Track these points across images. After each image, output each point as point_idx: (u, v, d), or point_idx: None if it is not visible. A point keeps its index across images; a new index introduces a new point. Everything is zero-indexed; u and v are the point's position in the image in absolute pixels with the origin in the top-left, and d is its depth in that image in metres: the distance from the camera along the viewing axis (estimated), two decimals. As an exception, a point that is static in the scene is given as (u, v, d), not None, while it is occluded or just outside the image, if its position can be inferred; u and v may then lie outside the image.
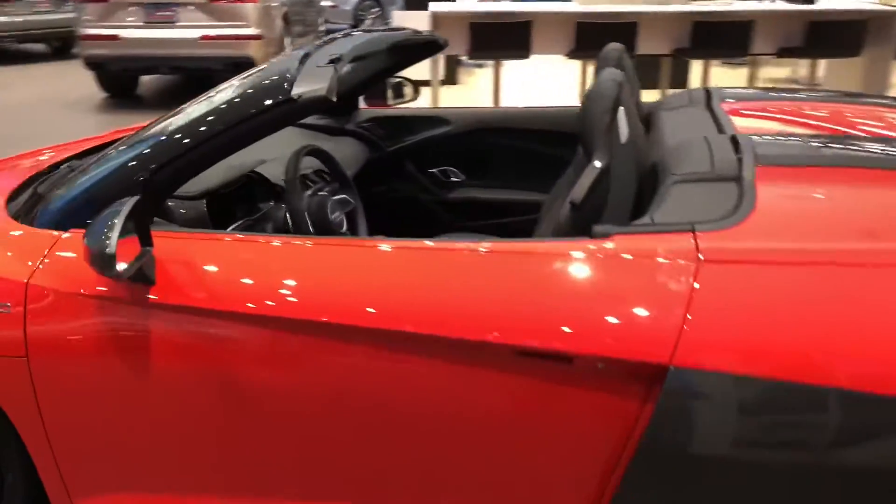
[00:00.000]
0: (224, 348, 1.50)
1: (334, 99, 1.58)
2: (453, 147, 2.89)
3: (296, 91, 1.59)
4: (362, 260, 1.50)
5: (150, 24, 7.11)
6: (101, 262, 1.36)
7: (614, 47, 2.21)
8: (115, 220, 1.39)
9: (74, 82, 7.98)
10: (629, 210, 1.62)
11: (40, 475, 1.66)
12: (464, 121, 2.84)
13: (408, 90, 3.06)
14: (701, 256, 1.32)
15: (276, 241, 1.55)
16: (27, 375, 1.58)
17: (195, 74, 7.72)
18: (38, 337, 1.56)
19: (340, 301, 1.43)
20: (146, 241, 1.53)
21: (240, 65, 7.31)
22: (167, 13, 7.09)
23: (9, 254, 1.64)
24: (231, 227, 1.90)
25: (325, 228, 1.94)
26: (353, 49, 1.83)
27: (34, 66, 10.67)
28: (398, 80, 3.03)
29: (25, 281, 1.55)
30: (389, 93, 3.01)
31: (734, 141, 1.65)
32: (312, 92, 1.58)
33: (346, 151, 2.74)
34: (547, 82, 8.72)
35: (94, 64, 7.33)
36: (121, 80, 7.89)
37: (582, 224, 1.53)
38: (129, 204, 1.46)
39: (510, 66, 7.47)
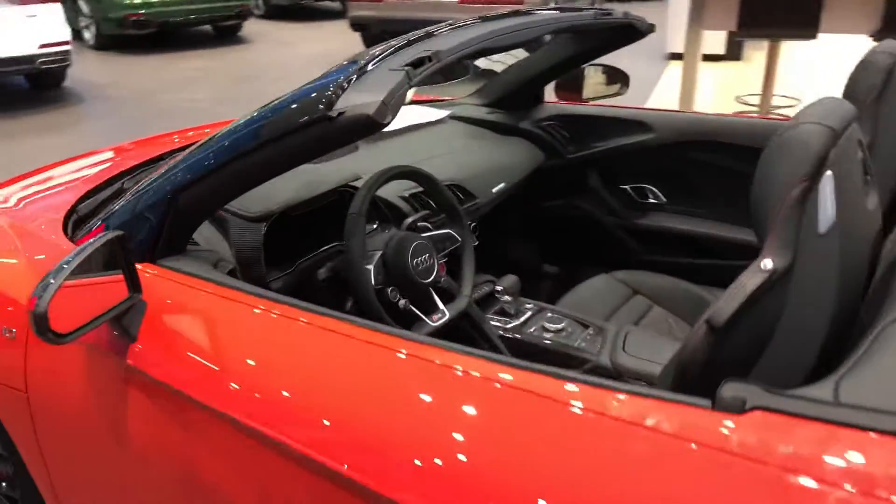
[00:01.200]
0: (189, 439, 1.15)
1: (384, 122, 1.11)
2: (654, 160, 2.25)
3: (339, 106, 1.14)
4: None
5: (413, -15, 7.05)
6: (33, 322, 1.06)
7: (888, 48, 1.43)
8: (52, 280, 1.08)
9: (353, 41, 8.26)
10: (810, 360, 0.95)
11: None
12: (671, 127, 2.19)
13: (607, 81, 2.46)
14: None
15: (303, 318, 1.12)
16: (26, 405, 1.39)
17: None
18: (36, 367, 1.35)
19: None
20: (133, 286, 1.22)
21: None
22: (430, -26, 6.96)
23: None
24: (275, 277, 1.52)
25: (402, 277, 1.49)
26: (463, 45, 1.32)
27: (326, 24, 11.40)
28: (601, 67, 2.43)
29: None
30: (587, 84, 2.44)
31: None
32: (355, 109, 1.12)
33: (514, 155, 2.25)
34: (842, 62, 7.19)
35: (358, 25, 7.48)
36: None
37: (708, 371, 0.91)
38: (92, 245, 1.15)
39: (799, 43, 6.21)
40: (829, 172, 0.96)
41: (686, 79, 4.49)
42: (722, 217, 2.19)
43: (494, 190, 2.07)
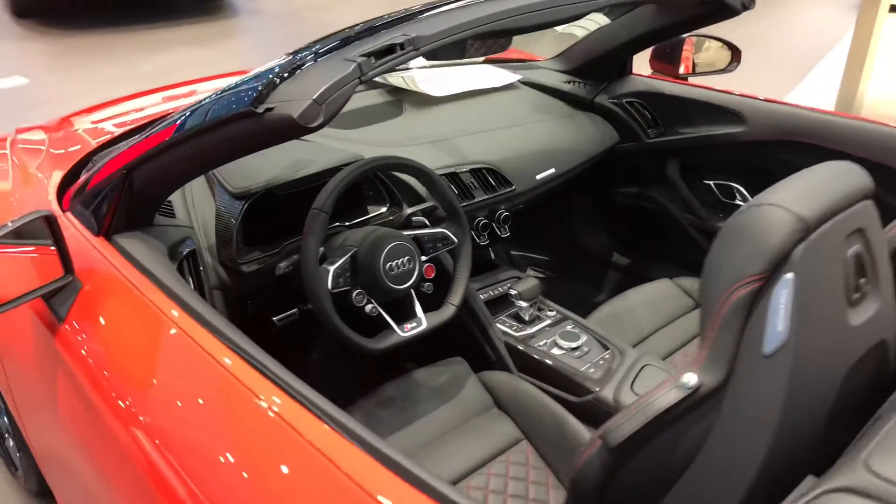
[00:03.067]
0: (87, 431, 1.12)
1: (311, 125, 0.96)
2: (744, 156, 1.93)
3: (269, 101, 1.00)
4: None
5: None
6: None
7: None
8: None
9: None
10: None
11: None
12: (767, 121, 1.84)
13: (714, 56, 2.11)
14: None
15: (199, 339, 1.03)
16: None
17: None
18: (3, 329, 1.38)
19: None
20: (66, 267, 1.18)
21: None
22: None
23: None
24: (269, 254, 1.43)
25: (371, 280, 1.35)
26: (453, 29, 1.12)
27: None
28: (708, 39, 2.09)
29: None
30: (687, 57, 2.11)
31: None
32: (283, 108, 0.98)
33: (579, 135, 2.01)
34: None
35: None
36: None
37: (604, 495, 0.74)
38: (15, 223, 1.10)
39: None
40: (789, 275, 0.71)
41: (860, 34, 3.84)
42: None
43: (539, 177, 1.85)
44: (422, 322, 1.40)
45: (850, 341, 0.77)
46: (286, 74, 1.02)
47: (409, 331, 1.38)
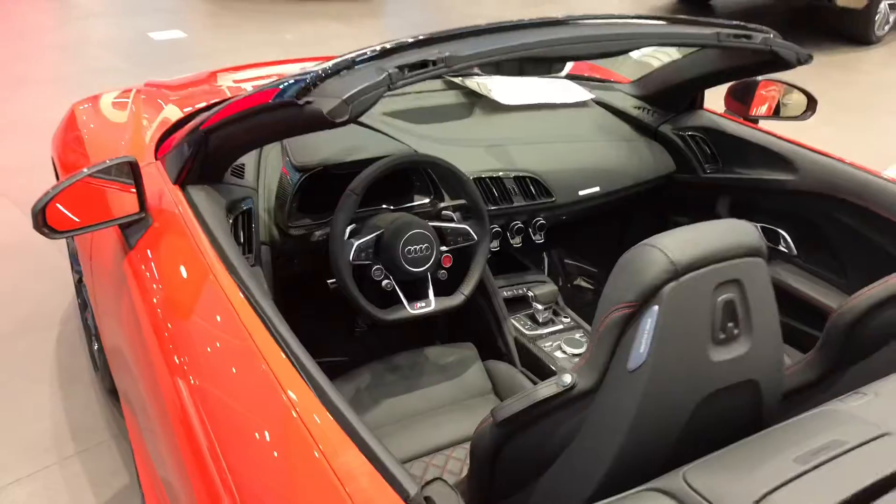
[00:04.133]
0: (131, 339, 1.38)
1: (338, 120, 1.16)
2: (792, 204, 1.96)
3: (310, 96, 1.20)
4: None
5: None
6: (32, 218, 1.33)
7: None
8: (54, 187, 1.32)
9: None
10: (585, 493, 0.87)
11: None
12: (815, 174, 1.88)
13: (791, 103, 2.14)
14: None
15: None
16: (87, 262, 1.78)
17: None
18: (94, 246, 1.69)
19: None
20: (141, 205, 1.44)
21: (816, -2, 6.19)
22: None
23: None
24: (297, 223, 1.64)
25: (390, 259, 1.54)
26: (484, 53, 1.28)
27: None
28: (784, 86, 2.13)
29: None
30: (759, 101, 2.16)
31: None
32: (318, 103, 1.18)
33: (633, 159, 2.12)
34: None
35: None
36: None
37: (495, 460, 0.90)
38: (106, 164, 1.37)
39: None
40: (655, 307, 0.84)
41: None
42: (847, 285, 1.86)
43: (582, 193, 1.97)
44: (431, 303, 1.58)
45: (709, 374, 0.88)
46: (330, 74, 1.21)
47: (417, 309, 1.57)
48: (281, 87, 1.26)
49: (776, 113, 2.19)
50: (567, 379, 0.89)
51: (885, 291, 1.25)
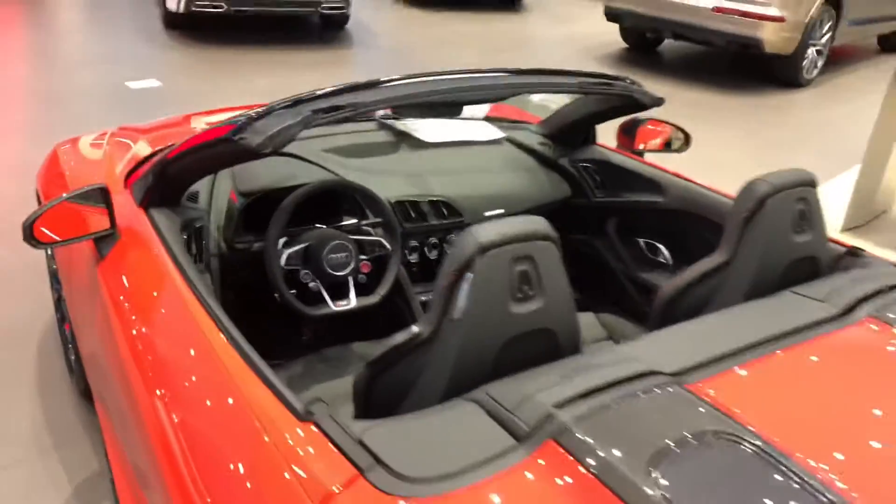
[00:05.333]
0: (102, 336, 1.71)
1: (261, 152, 1.51)
2: (664, 221, 2.34)
3: (244, 134, 1.55)
4: None
5: (672, -14, 6.93)
6: (22, 230, 1.66)
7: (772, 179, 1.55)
8: (41, 206, 1.66)
9: (607, 28, 8.38)
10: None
11: None
12: (676, 194, 2.27)
13: (670, 138, 2.54)
14: None
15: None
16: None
17: (712, 44, 7.27)
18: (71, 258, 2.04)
19: None
20: (112, 223, 1.79)
21: (747, 46, 6.70)
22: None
23: None
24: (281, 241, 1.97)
25: (316, 264, 1.89)
26: (383, 101, 1.64)
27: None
28: (661, 123, 2.53)
29: None
30: (640, 137, 2.55)
31: None
32: (246, 139, 1.53)
33: (534, 187, 2.49)
34: None
35: (613, 16, 7.54)
36: (641, 36, 7.97)
37: (370, 394, 1.25)
38: (81, 190, 1.72)
39: None
40: (470, 274, 1.19)
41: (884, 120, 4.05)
42: None
43: (487, 213, 2.34)
44: (352, 302, 1.93)
45: (510, 322, 1.23)
46: (259, 117, 1.57)
47: (339, 306, 1.91)
48: (222, 127, 1.62)
49: (668, 147, 2.59)
50: (415, 329, 1.24)
51: (693, 273, 1.63)
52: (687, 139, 2.54)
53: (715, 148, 5.35)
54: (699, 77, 7.31)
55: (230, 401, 1.23)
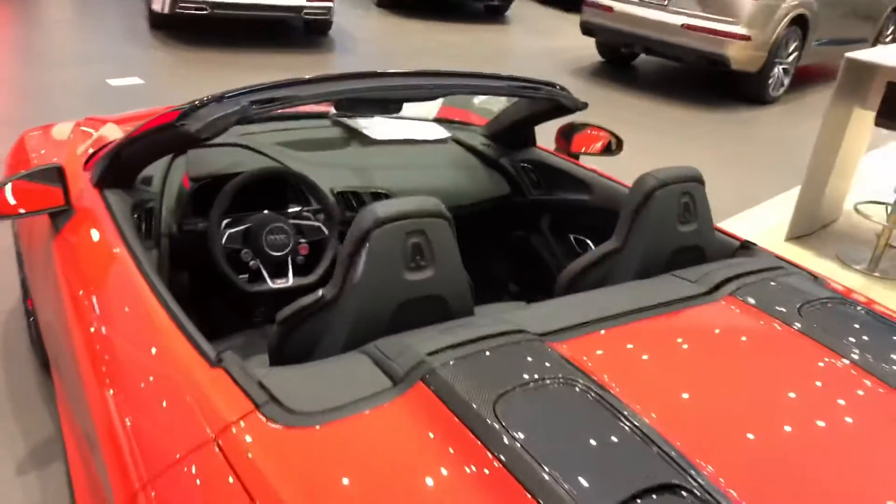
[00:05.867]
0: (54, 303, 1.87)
1: (200, 137, 1.67)
2: (592, 217, 2.52)
3: (186, 121, 1.71)
4: None
5: (644, 2, 7.17)
6: None
7: (659, 174, 1.72)
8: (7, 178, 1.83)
9: (585, 43, 8.59)
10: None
11: None
12: (601, 193, 2.44)
13: (601, 143, 2.72)
14: None
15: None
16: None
17: (680, 60, 7.50)
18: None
19: None
20: (66, 199, 1.94)
21: (714, 62, 6.93)
22: (662, -5, 7.04)
23: None
24: (223, 221, 2.12)
25: (256, 244, 2.06)
26: (318, 95, 1.80)
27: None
28: (596, 128, 2.72)
29: None
30: (576, 141, 2.74)
31: None
32: (187, 125, 1.69)
33: (476, 183, 2.67)
34: None
35: (588, 30, 7.77)
36: (615, 50, 8.20)
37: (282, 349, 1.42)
38: (36, 168, 1.88)
39: None
40: (366, 245, 1.36)
41: (825, 133, 4.27)
42: None
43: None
44: (289, 280, 2.09)
45: (403, 288, 1.40)
46: (201, 105, 1.74)
47: (277, 284, 2.07)
48: (169, 114, 1.78)
49: (606, 150, 2.77)
50: (320, 293, 1.41)
51: (590, 257, 1.81)
52: (619, 143, 2.72)
53: (673, 160, 5.56)
54: (671, 92, 7.54)
55: (154, 351, 1.39)
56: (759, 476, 1.08)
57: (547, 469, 1.01)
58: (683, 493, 1.00)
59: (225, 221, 2.07)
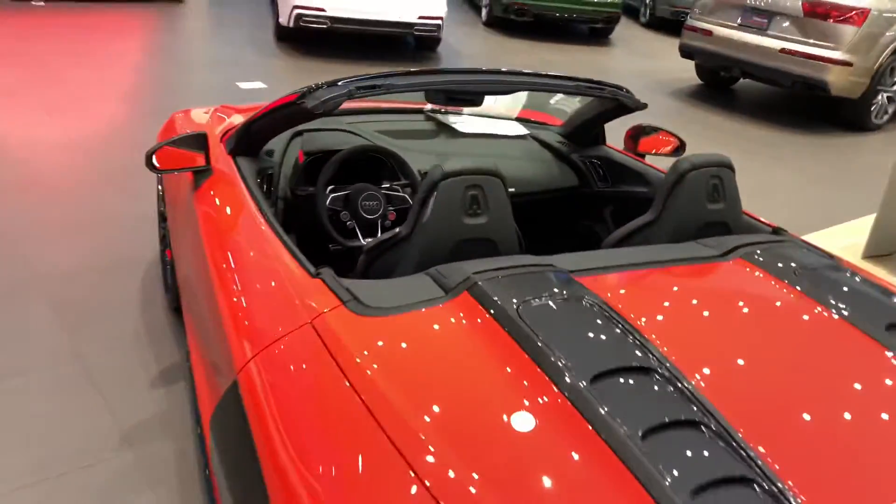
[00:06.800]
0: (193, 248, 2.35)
1: (315, 113, 2.10)
2: (648, 207, 2.81)
3: (304, 100, 2.15)
4: None
5: (743, 26, 7.29)
6: (145, 158, 2.32)
7: (693, 159, 2.02)
8: (159, 144, 2.32)
9: (685, 65, 8.74)
10: None
11: None
12: (657, 185, 2.73)
13: (664, 144, 3.01)
14: None
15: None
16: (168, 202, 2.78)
17: (778, 84, 7.55)
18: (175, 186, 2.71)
19: None
20: (207, 161, 2.43)
21: (812, 87, 6.96)
22: (761, 19, 7.14)
23: None
24: (327, 188, 2.56)
25: (353, 208, 2.48)
26: (412, 85, 2.21)
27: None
28: (659, 130, 3.00)
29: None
30: (643, 142, 3.03)
31: None
32: (306, 102, 2.13)
33: (547, 175, 3.01)
34: None
35: (686, 53, 7.94)
36: (714, 73, 8.31)
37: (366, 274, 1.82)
38: (186, 134, 2.37)
39: None
40: (434, 193, 1.74)
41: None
42: None
43: None
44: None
45: (463, 229, 1.75)
46: (318, 88, 2.17)
47: (368, 241, 2.48)
48: (292, 95, 2.22)
49: (675, 153, 3.04)
50: (398, 230, 1.79)
51: (630, 227, 2.12)
52: (682, 146, 2.99)
53: (761, 178, 5.67)
54: (769, 116, 7.59)
55: (272, 268, 1.82)
56: (760, 406, 1.33)
57: (553, 350, 1.35)
58: (656, 375, 1.31)
59: (329, 188, 2.50)
